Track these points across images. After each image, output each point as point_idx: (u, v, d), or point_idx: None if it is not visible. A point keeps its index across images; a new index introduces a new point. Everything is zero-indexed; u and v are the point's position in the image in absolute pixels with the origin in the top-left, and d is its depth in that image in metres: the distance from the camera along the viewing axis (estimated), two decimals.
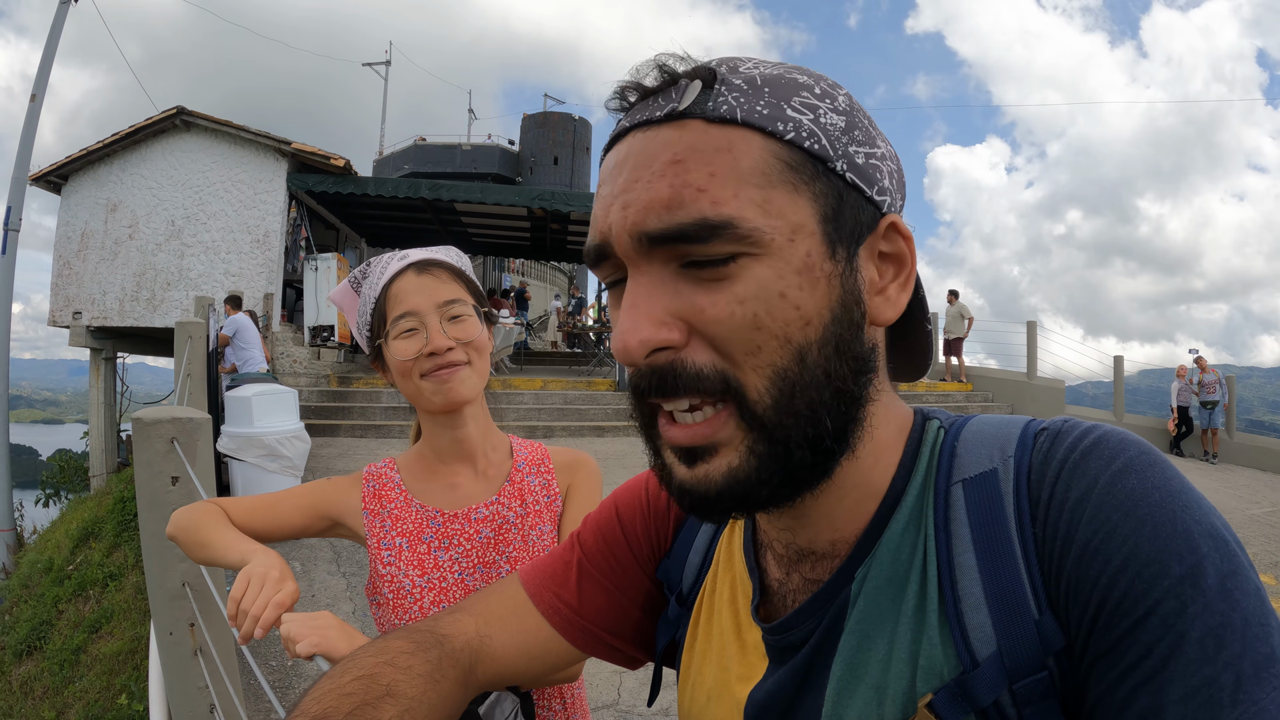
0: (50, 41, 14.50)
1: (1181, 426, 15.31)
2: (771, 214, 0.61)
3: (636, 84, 0.67)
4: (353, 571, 6.20)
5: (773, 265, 0.61)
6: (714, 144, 0.61)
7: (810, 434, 0.62)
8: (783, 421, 0.62)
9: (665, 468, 0.68)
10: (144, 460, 1.95)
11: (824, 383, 0.62)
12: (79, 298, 15.74)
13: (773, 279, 0.61)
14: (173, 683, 2.10)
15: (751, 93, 0.63)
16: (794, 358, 0.61)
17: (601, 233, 0.65)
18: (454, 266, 1.56)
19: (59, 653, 7.18)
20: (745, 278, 0.61)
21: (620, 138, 0.67)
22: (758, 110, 0.62)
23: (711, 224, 0.59)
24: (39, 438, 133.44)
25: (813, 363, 0.62)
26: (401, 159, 38.11)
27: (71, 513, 12.04)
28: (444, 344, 1.45)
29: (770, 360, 0.61)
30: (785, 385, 0.61)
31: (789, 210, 0.61)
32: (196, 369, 6.76)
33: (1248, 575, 0.54)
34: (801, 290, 0.61)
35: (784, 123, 0.62)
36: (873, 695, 0.65)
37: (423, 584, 1.48)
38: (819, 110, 0.64)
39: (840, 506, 0.70)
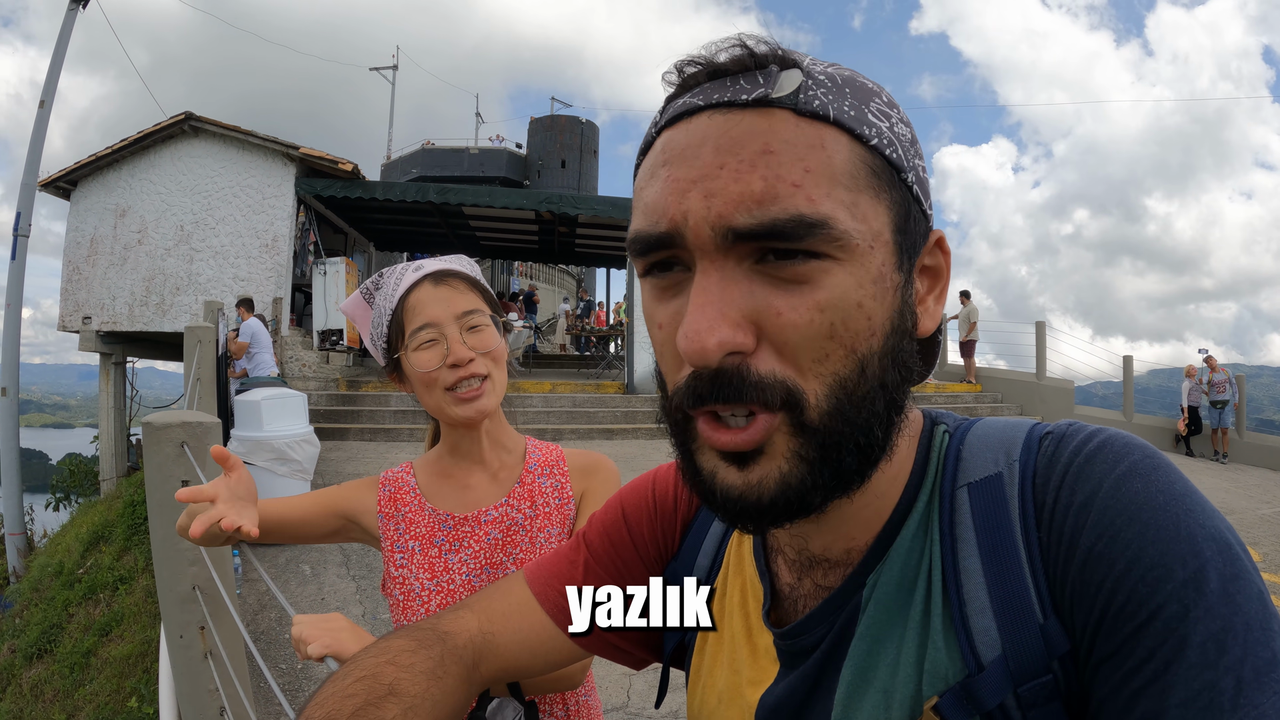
0: (58, 47, 14.56)
1: (1191, 426, 15.26)
2: (858, 218, 0.59)
3: (706, 60, 0.63)
4: (362, 574, 6.21)
5: (853, 273, 0.59)
6: (807, 139, 0.59)
7: (862, 442, 0.61)
8: (837, 429, 0.60)
9: (703, 473, 0.64)
10: (154, 464, 1.96)
11: (879, 393, 0.61)
12: (88, 303, 15.79)
13: (853, 287, 0.59)
14: (183, 686, 2.10)
15: (837, 91, 0.61)
16: (856, 368, 0.60)
17: (672, 220, 0.60)
18: (470, 276, 1.56)
19: (70, 656, 7.20)
20: (827, 284, 0.58)
21: (689, 115, 0.62)
22: (846, 110, 0.60)
23: (808, 222, 0.57)
24: (49, 442, 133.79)
25: (872, 373, 0.61)
26: (409, 163, 38.14)
27: (82, 516, 12.08)
28: (465, 355, 1.45)
29: (834, 370, 0.59)
30: (844, 394, 0.60)
31: (872, 216, 0.60)
32: (206, 373, 6.78)
33: (1250, 579, 0.54)
34: (874, 300, 0.60)
35: (869, 126, 0.61)
36: (880, 699, 0.65)
37: (431, 586, 1.49)
38: (892, 119, 0.63)
39: (861, 515, 0.70)
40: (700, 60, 0.63)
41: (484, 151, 38.63)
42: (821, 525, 0.71)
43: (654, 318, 0.65)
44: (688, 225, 0.59)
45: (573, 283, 40.88)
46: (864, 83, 0.64)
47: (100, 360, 16.65)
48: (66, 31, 14.62)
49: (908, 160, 0.63)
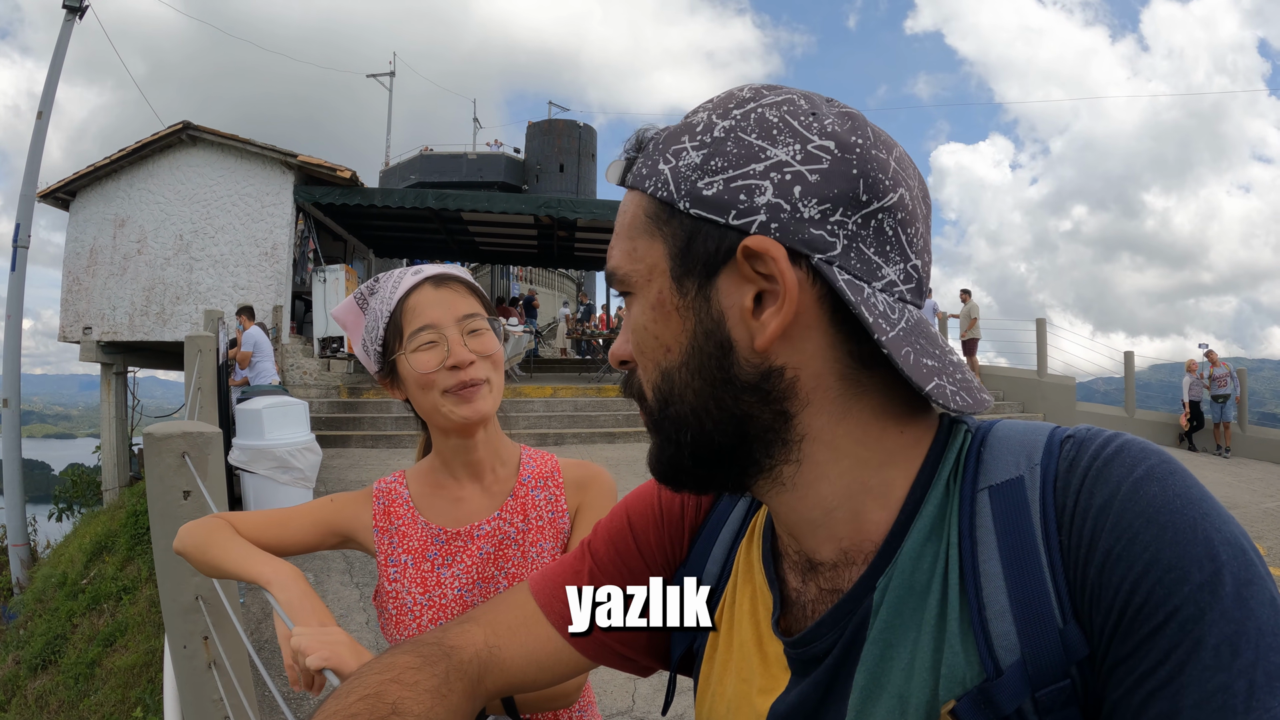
0: (56, 58, 14.59)
1: (1193, 421, 15.26)
2: (636, 259, 0.73)
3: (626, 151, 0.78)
4: (365, 582, 6.21)
5: (639, 302, 0.73)
6: (627, 206, 0.75)
7: (689, 439, 0.73)
8: (662, 425, 0.74)
9: None
10: (155, 475, 1.95)
11: (693, 400, 0.71)
12: (89, 313, 15.81)
13: (638, 313, 0.74)
14: (187, 696, 2.10)
15: (644, 157, 0.73)
16: (662, 377, 0.73)
17: None
18: (469, 281, 1.56)
19: (74, 666, 7.21)
20: (631, 313, 0.75)
21: None
22: (641, 172, 0.73)
23: (611, 275, 0.76)
24: (51, 452, 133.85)
25: (681, 382, 0.71)
26: (407, 169, 38.18)
27: (85, 527, 12.09)
28: (466, 356, 1.44)
29: (650, 377, 0.74)
30: (659, 397, 0.74)
31: (647, 254, 0.72)
32: (207, 382, 6.78)
33: (1264, 584, 0.55)
34: (656, 323, 0.72)
35: (649, 179, 0.71)
36: (895, 704, 0.65)
37: (423, 601, 1.48)
38: (682, 154, 0.69)
39: (829, 518, 0.71)
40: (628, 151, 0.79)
41: (482, 157, 38.68)
42: (799, 529, 0.74)
43: None
44: None
45: (572, 287, 40.90)
46: (684, 124, 0.72)
47: (101, 370, 16.68)
48: (63, 42, 14.65)
49: (680, 190, 0.68)
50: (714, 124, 0.69)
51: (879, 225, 0.66)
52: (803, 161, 0.65)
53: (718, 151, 0.67)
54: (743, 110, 0.68)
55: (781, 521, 0.77)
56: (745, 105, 0.68)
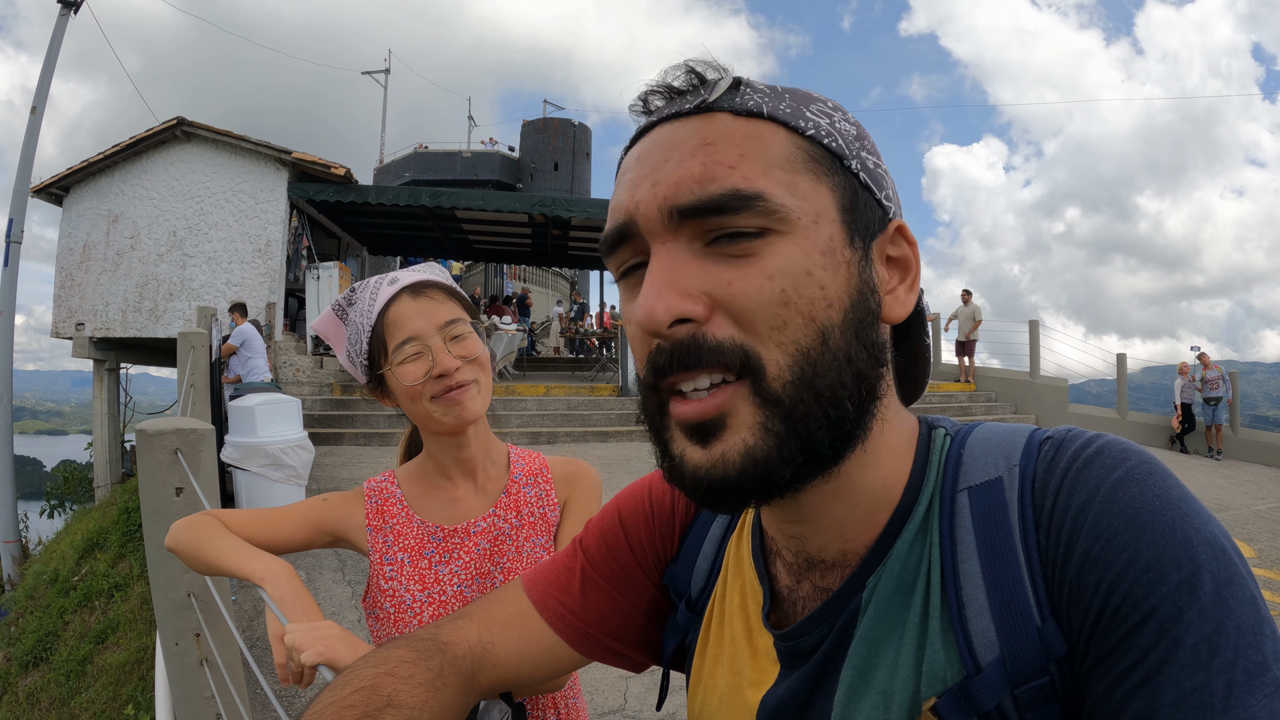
0: (50, 53, 14.54)
1: (1185, 423, 15.30)
2: (798, 196, 0.63)
3: (664, 86, 0.70)
4: (358, 580, 6.21)
5: (799, 244, 0.63)
6: (743, 131, 0.65)
7: (831, 415, 0.63)
8: (802, 398, 0.61)
9: (675, 459, 0.66)
10: (148, 471, 1.95)
11: (844, 365, 0.63)
12: (81, 309, 15.76)
13: (800, 256, 0.62)
14: (179, 693, 2.10)
15: (774, 95, 0.67)
16: (817, 337, 0.62)
17: (627, 211, 0.66)
18: (447, 285, 1.56)
19: (65, 664, 7.19)
20: (773, 254, 0.62)
21: (645, 132, 0.70)
22: (781, 108, 0.66)
23: (744, 195, 0.61)
24: (43, 449, 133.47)
25: (834, 344, 0.63)
26: (402, 167, 38.13)
27: (76, 524, 12.05)
28: (451, 365, 1.45)
29: (794, 338, 0.62)
30: (808, 364, 0.62)
31: (812, 195, 0.64)
32: (199, 379, 6.76)
33: (1244, 584, 0.55)
34: (825, 271, 0.63)
35: (804, 120, 0.67)
36: (880, 700, 0.65)
37: (423, 598, 1.49)
38: (833, 118, 0.69)
39: (852, 515, 0.71)
40: (657, 86, 0.70)
41: (477, 155, 38.64)
42: (815, 525, 0.72)
43: (627, 316, 0.68)
44: (639, 212, 0.65)
45: (566, 285, 40.88)
46: (807, 92, 0.71)
47: (94, 367, 16.63)
48: (58, 37, 14.60)
49: (850, 150, 0.68)
50: (843, 109, 0.71)
51: None
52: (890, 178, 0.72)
53: (863, 134, 0.71)
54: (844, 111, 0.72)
55: (801, 517, 0.72)
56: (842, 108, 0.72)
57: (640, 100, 0.71)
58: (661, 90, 0.70)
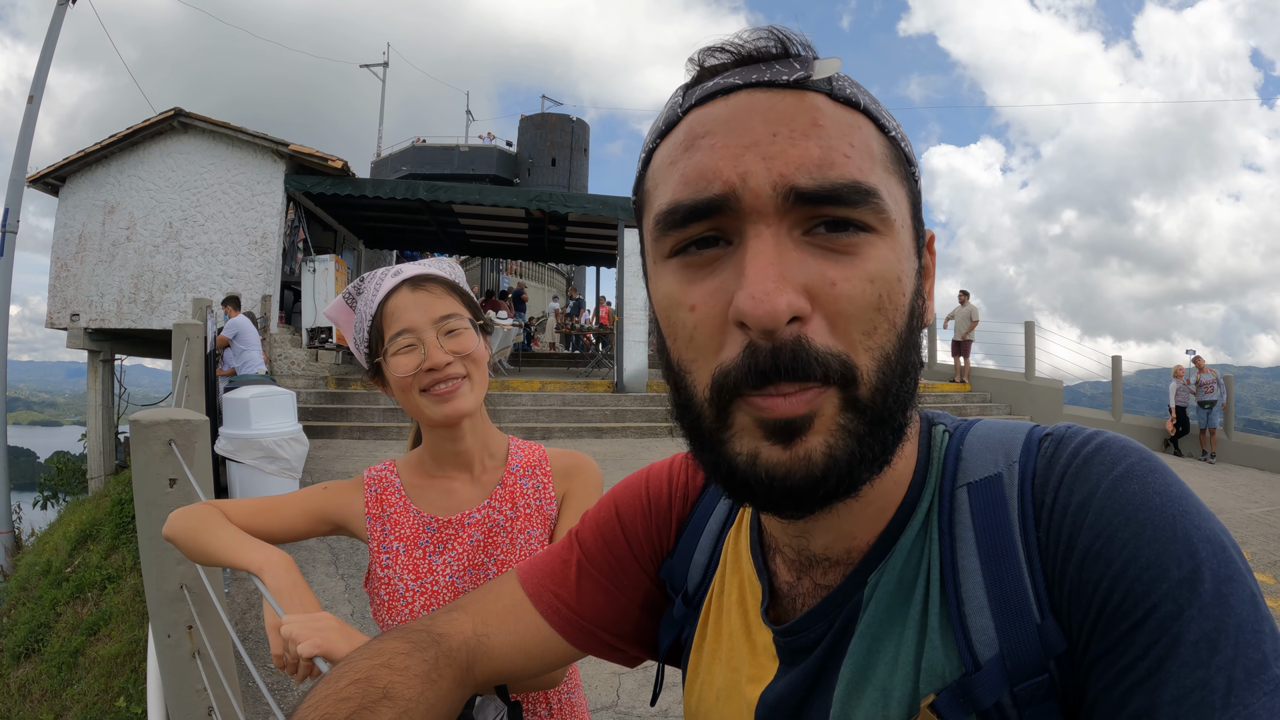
0: (48, 42, 14.50)
1: (1179, 426, 15.34)
2: (893, 197, 0.62)
3: (739, 47, 0.64)
4: (351, 573, 6.20)
5: (894, 247, 0.61)
6: (846, 120, 0.61)
7: (900, 420, 0.62)
8: (885, 404, 0.60)
9: (739, 459, 0.61)
10: (142, 462, 1.95)
11: (909, 370, 0.63)
12: (77, 300, 15.72)
13: (894, 261, 0.61)
14: (171, 685, 2.09)
15: (860, 87, 0.65)
16: (896, 342, 0.61)
17: (728, 183, 0.59)
18: (448, 280, 1.57)
19: (57, 655, 7.17)
20: (873, 256, 0.60)
21: (726, 93, 0.63)
22: (870, 103, 0.64)
23: (864, 188, 0.59)
24: (36, 440, 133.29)
25: (903, 349, 0.62)
26: (399, 160, 38.05)
27: (69, 515, 12.03)
28: (442, 359, 1.46)
29: (880, 344, 0.60)
30: (889, 369, 0.60)
31: (899, 198, 0.63)
32: (194, 371, 6.75)
33: (1244, 581, 0.55)
34: (907, 277, 0.63)
35: (887, 120, 0.65)
36: (879, 697, 0.65)
37: (416, 588, 1.50)
38: (896, 122, 0.67)
39: (865, 514, 0.70)
40: (730, 47, 0.64)
41: (474, 149, 38.57)
42: (824, 524, 0.71)
43: (683, 300, 0.63)
44: (746, 186, 0.59)
45: (562, 281, 40.87)
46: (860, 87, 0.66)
47: (88, 358, 16.60)
48: (56, 26, 14.56)
49: (912, 157, 0.67)
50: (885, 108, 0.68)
51: None
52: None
53: (904, 135, 0.68)
54: None
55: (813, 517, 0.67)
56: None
57: (701, 56, 0.66)
58: (736, 51, 0.64)
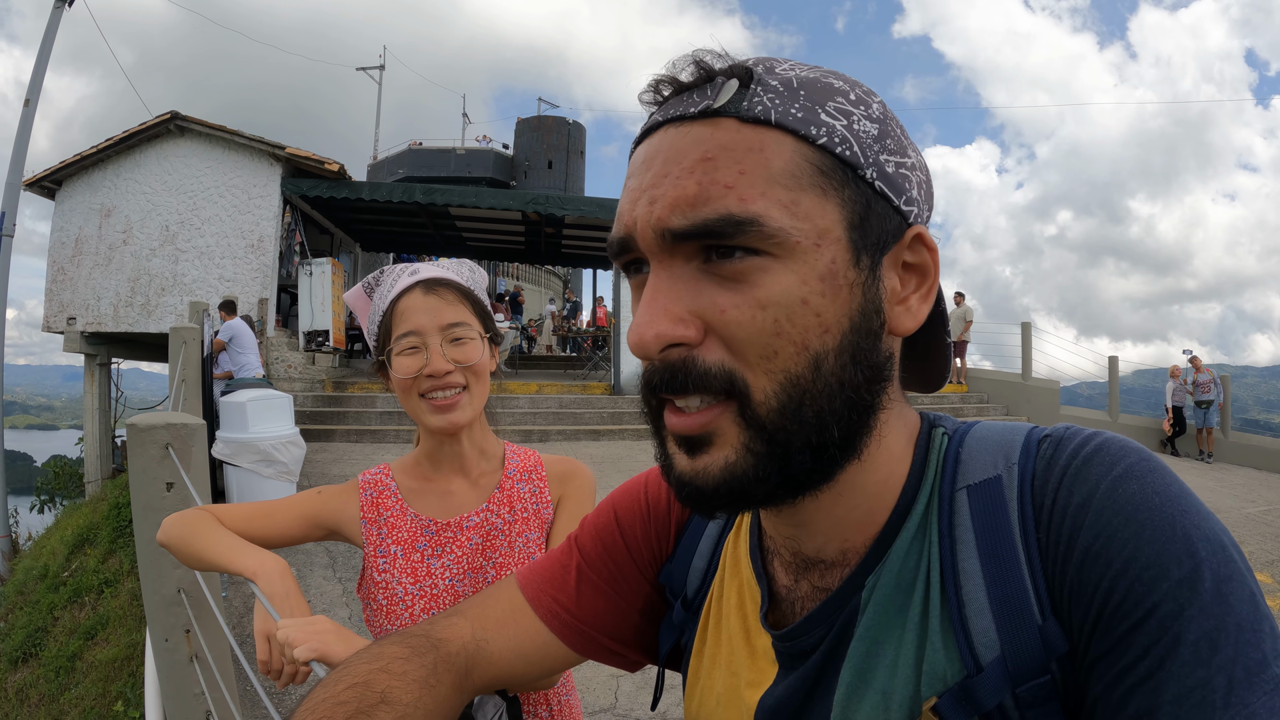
0: (44, 45, 14.49)
1: (1175, 426, 15.36)
2: (799, 216, 0.61)
3: (671, 78, 0.66)
4: (348, 576, 6.19)
5: (797, 270, 0.61)
6: (747, 143, 0.61)
7: (814, 441, 0.63)
8: (786, 426, 0.62)
9: (668, 459, 0.68)
10: (139, 466, 1.94)
11: (836, 391, 0.62)
12: (73, 303, 15.70)
13: (796, 284, 0.61)
14: (168, 689, 2.09)
15: (787, 95, 0.63)
16: (809, 365, 0.61)
17: (626, 226, 0.65)
18: (463, 287, 1.57)
19: (55, 660, 7.16)
20: (768, 282, 0.61)
21: (652, 132, 0.67)
22: (792, 113, 0.62)
23: (736, 220, 0.59)
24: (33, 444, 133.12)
25: (828, 371, 0.62)
26: (396, 163, 38.05)
27: (66, 519, 12.00)
28: (443, 367, 1.47)
29: (784, 366, 0.61)
30: (795, 392, 0.61)
31: (816, 214, 0.62)
32: (191, 374, 6.75)
33: (1244, 581, 0.55)
34: (823, 297, 0.61)
35: (817, 127, 0.62)
36: (879, 700, 0.65)
37: (414, 591, 1.50)
38: (853, 117, 0.64)
39: (851, 517, 0.70)
40: (666, 78, 0.67)
41: (471, 152, 38.58)
42: (809, 525, 0.72)
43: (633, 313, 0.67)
44: (637, 230, 0.64)
45: (559, 284, 40.87)
46: (829, 83, 0.66)
47: (85, 361, 16.56)
48: (52, 29, 14.55)
49: (866, 157, 0.64)
50: (868, 100, 0.67)
51: None
52: (923, 170, 0.70)
53: (887, 131, 0.66)
54: (880, 101, 0.68)
55: (798, 520, 0.73)
56: (875, 96, 0.68)
57: (651, 89, 0.68)
58: (669, 82, 0.67)
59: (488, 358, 1.55)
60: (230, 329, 10.31)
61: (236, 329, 10.33)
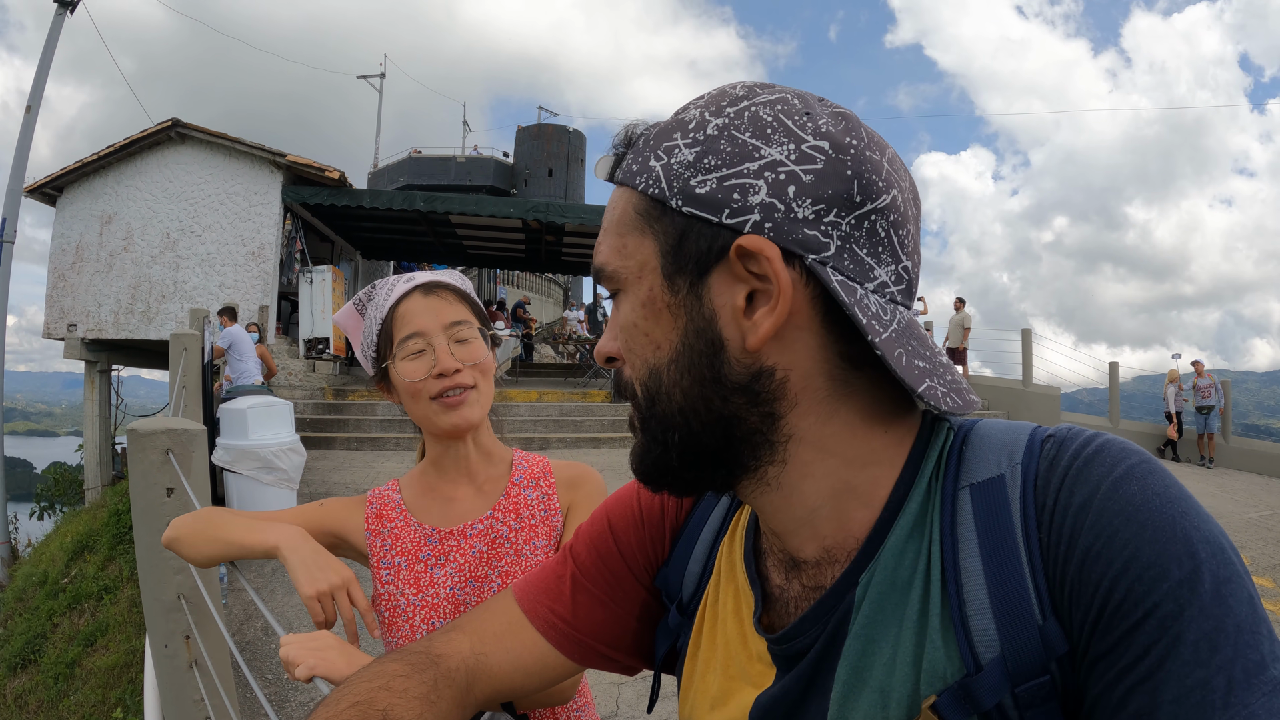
0: (46, 51, 14.53)
1: (1177, 431, 15.36)
2: (625, 256, 0.73)
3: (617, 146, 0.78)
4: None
5: (628, 299, 0.73)
6: (614, 202, 0.75)
7: (676, 439, 0.72)
8: (649, 424, 0.74)
9: None
10: (139, 472, 1.94)
11: (681, 399, 0.71)
12: (74, 310, 15.72)
13: (628, 310, 0.73)
14: (168, 696, 2.09)
15: (634, 153, 0.74)
16: (650, 374, 0.73)
17: None
18: (459, 289, 1.57)
19: (54, 666, 7.15)
20: (619, 310, 0.75)
21: None
22: (630, 169, 0.73)
23: (598, 270, 0.75)
24: (33, 450, 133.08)
25: (668, 380, 0.71)
26: (396, 171, 38.09)
27: (66, 526, 12.00)
28: (452, 365, 1.46)
29: (639, 374, 0.74)
30: (647, 395, 0.73)
31: (637, 251, 0.72)
32: (191, 381, 6.75)
33: (1242, 582, 0.55)
34: (646, 319, 0.72)
35: (640, 175, 0.71)
36: (877, 698, 0.65)
37: (416, 601, 1.48)
38: (674, 150, 0.69)
39: (813, 518, 0.72)
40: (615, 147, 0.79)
41: (471, 160, 38.63)
42: (780, 527, 0.74)
43: None
44: None
45: (559, 291, 40.87)
46: (675, 121, 0.71)
47: (85, 368, 16.58)
48: (54, 37, 14.59)
49: (673, 188, 0.68)
50: (707, 121, 0.68)
51: (872, 226, 0.66)
52: (797, 161, 0.65)
53: (711, 149, 0.66)
54: (736, 108, 0.68)
55: (766, 521, 0.77)
56: (739, 103, 0.68)
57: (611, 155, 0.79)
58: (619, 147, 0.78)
59: (491, 357, 1.55)
60: (229, 336, 10.30)
61: (235, 336, 10.31)
